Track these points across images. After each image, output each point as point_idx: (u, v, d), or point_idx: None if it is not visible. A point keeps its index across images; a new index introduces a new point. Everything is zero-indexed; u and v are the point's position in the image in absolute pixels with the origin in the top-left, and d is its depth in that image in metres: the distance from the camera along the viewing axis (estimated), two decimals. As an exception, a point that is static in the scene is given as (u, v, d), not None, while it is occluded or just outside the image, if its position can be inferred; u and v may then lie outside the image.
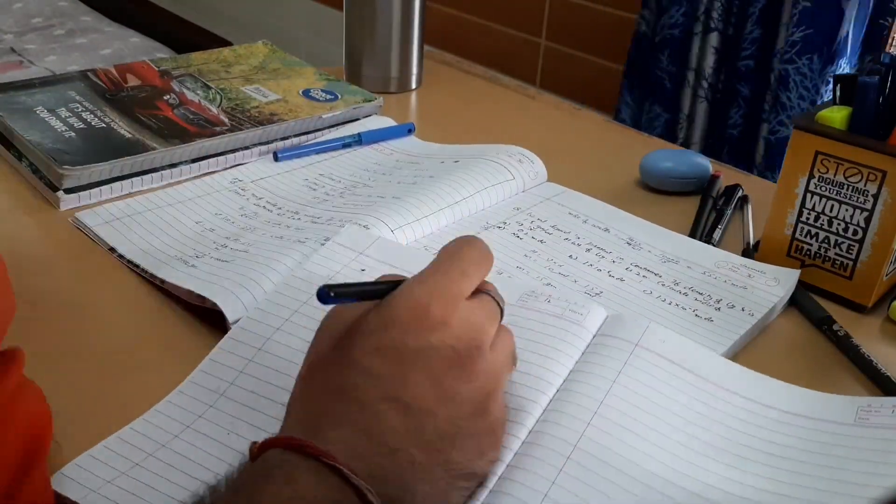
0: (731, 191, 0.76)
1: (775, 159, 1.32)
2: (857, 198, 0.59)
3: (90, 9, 2.39)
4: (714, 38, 1.36)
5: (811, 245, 0.63)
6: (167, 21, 2.43)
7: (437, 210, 0.67)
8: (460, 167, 0.73)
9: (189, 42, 2.10)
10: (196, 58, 0.92)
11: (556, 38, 1.68)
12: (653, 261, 0.64)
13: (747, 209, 0.74)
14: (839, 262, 0.62)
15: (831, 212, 0.61)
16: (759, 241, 0.67)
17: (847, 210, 0.60)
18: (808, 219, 0.62)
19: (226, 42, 2.12)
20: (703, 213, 0.72)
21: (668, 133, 1.45)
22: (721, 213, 0.72)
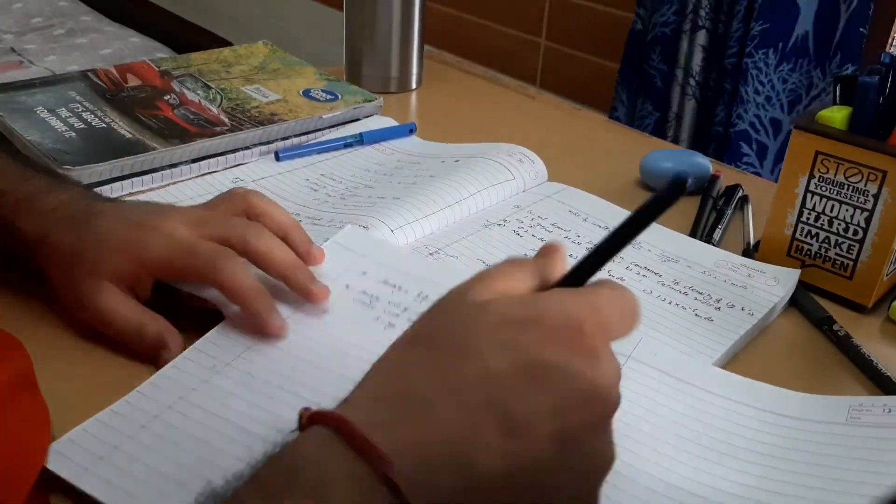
0: (731, 191, 0.76)
1: (734, 152, 1.34)
2: (858, 198, 0.59)
3: (90, 9, 2.39)
4: (702, 36, 1.37)
5: (811, 245, 0.63)
6: (167, 21, 2.43)
7: (438, 210, 0.67)
8: (461, 167, 0.73)
9: (189, 42, 2.10)
10: (196, 58, 0.92)
11: (556, 38, 1.68)
12: (653, 260, 0.64)
13: (747, 209, 0.74)
14: (839, 262, 0.62)
15: (831, 212, 0.61)
16: (759, 241, 0.67)
17: (847, 210, 0.60)
18: (808, 219, 0.62)
19: (226, 42, 2.12)
20: (704, 213, 0.72)
21: (659, 131, 1.45)
22: (721, 213, 0.72)
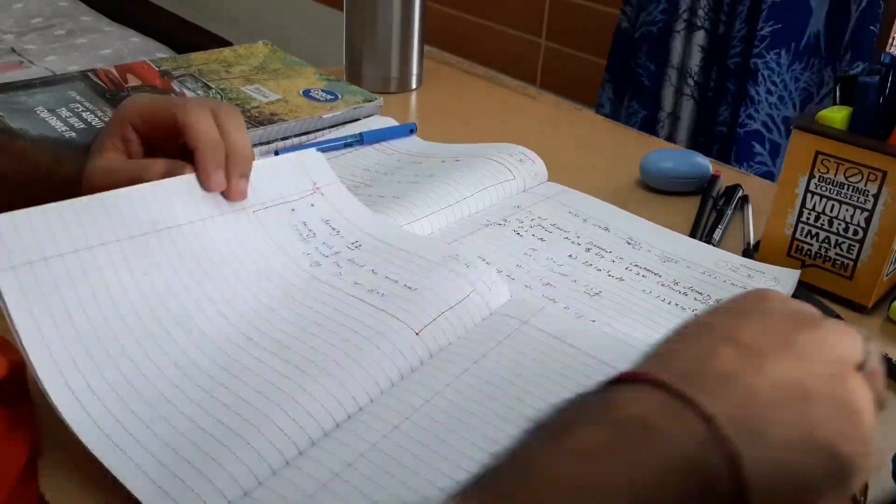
0: (731, 191, 0.76)
1: (746, 152, 1.34)
2: (858, 198, 0.59)
3: (90, 9, 2.39)
4: (700, 37, 1.37)
5: (811, 245, 0.63)
6: (167, 21, 2.43)
7: (438, 210, 0.67)
8: (461, 166, 0.73)
9: (189, 42, 2.10)
10: (196, 58, 0.92)
11: (556, 38, 1.68)
12: (652, 260, 0.64)
13: (747, 209, 0.74)
14: (839, 262, 0.62)
15: (832, 212, 0.61)
16: (759, 241, 0.67)
17: (847, 210, 0.60)
18: (808, 219, 0.62)
19: (226, 42, 2.12)
20: (704, 213, 0.72)
21: (647, 130, 1.45)
22: (721, 213, 0.72)
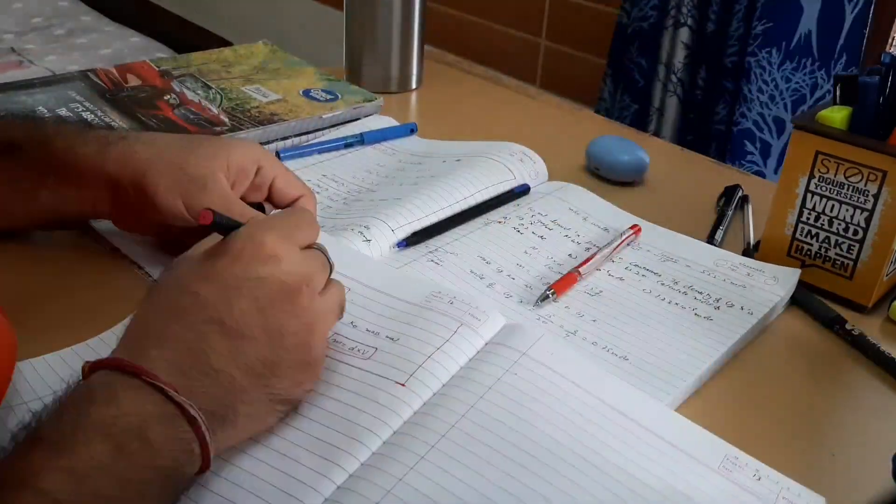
0: (731, 191, 0.76)
1: (737, 151, 1.34)
2: (858, 198, 0.59)
3: (90, 9, 2.39)
4: (684, 33, 1.37)
5: (811, 245, 0.63)
6: (167, 21, 2.44)
7: (439, 210, 0.67)
8: (462, 166, 0.73)
9: (189, 42, 2.10)
10: (196, 58, 0.92)
11: (556, 38, 1.68)
12: (652, 260, 0.64)
13: (747, 209, 0.74)
14: (839, 262, 0.62)
15: (832, 212, 0.61)
16: (759, 241, 0.67)
17: (847, 210, 0.60)
18: (808, 219, 0.62)
19: (226, 42, 2.12)
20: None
21: (638, 124, 1.45)
22: (722, 214, 0.72)
